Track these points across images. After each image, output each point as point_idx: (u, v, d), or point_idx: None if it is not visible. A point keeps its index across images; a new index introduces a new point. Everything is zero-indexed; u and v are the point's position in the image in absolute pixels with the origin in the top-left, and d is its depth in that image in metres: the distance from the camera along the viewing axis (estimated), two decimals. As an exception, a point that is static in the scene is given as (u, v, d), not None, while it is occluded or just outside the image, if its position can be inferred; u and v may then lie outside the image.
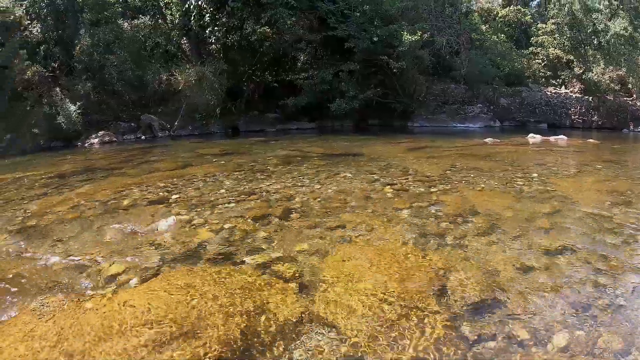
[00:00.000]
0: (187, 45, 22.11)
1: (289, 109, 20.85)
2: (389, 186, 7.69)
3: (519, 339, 3.39)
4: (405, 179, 8.31)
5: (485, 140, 15.87)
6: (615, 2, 33.59)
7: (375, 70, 20.94)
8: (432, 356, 3.09)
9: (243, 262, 4.61)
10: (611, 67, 32.45)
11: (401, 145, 14.10)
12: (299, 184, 8.08)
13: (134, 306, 3.58)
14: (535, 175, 9.86)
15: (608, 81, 32.86)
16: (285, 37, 21.60)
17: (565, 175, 10.75)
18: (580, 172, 11.63)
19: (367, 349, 3.14)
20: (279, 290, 3.97)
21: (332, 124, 20.86)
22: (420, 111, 22.41)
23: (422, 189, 7.60)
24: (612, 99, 32.14)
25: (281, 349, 3.20)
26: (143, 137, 18.28)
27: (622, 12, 33.63)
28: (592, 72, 31.73)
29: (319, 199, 6.96)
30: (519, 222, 6.15)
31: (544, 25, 33.57)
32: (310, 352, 3.15)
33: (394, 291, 3.91)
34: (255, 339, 3.29)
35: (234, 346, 3.16)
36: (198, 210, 6.48)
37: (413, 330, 3.37)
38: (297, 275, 4.30)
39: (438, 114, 22.75)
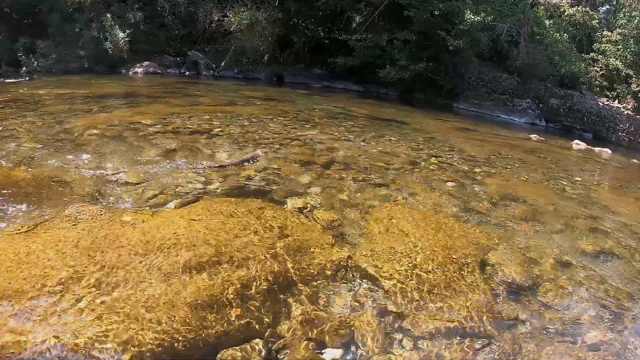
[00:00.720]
0: (245, -14, 21.81)
1: (337, 67, 20.56)
2: (434, 157, 7.63)
3: (552, 328, 3.42)
4: (450, 154, 8.24)
5: (530, 135, 15.58)
6: None
7: (430, 44, 20.44)
8: (466, 326, 3.14)
9: (284, 202, 4.67)
10: None
11: (446, 123, 13.89)
12: (344, 139, 8.07)
13: (176, 226, 3.61)
14: (578, 179, 9.70)
15: None
16: (344, -6, 21.18)
17: (608, 186, 10.56)
18: (623, 187, 11.39)
19: (406, 307, 3.20)
20: (321, 235, 4.01)
21: (378, 90, 20.55)
22: (467, 94, 21.92)
23: (467, 167, 7.53)
24: (665, 123, 31.12)
25: (320, 289, 3.27)
26: (187, 72, 18.24)
27: None
28: None
29: (363, 156, 6.96)
30: (560, 218, 6.09)
31: (609, 34, 32.27)
32: (349, 300, 3.22)
33: (438, 256, 3.93)
34: (294, 276, 3.34)
35: (271, 279, 3.20)
36: (242, 146, 6.50)
37: (452, 297, 3.41)
38: (337, 224, 4.34)
39: (485, 100, 22.21)
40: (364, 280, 3.48)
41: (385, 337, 2.91)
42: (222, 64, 19.03)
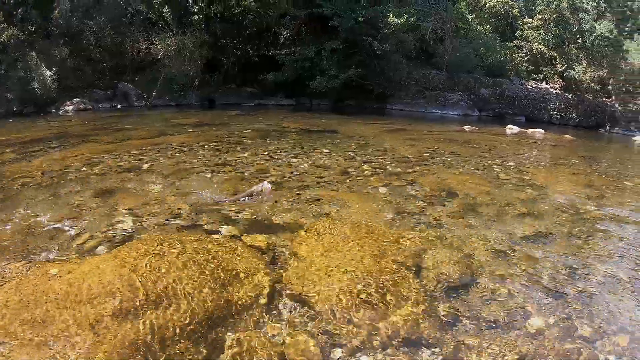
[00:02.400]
0: (168, 13, 21.41)
1: (267, 84, 20.50)
2: (366, 164, 7.56)
3: (493, 321, 3.35)
4: (382, 158, 8.20)
5: (463, 127, 15.89)
6: (604, 5, 33.97)
7: (358, 51, 20.64)
8: (406, 335, 3.01)
9: (216, 231, 4.42)
10: (593, 67, 32.87)
11: (379, 126, 13.96)
12: (275, 157, 7.90)
13: (102, 272, 3.37)
14: (512, 164, 9.87)
15: (589, 81, 33.29)
16: (269, 12, 21.15)
17: (542, 166, 10.81)
18: (557, 164, 11.71)
19: (340, 326, 3.04)
20: (252, 261, 3.80)
21: (310, 102, 20.59)
22: (399, 95, 22.26)
23: (400, 169, 7.50)
24: (591, 98, 32.63)
25: (252, 319, 3.08)
26: (119, 105, 17.67)
27: (608, 14, 34.08)
28: (574, 71, 32.09)
29: (295, 173, 6.80)
30: (495, 206, 6.12)
31: (530, 20, 33.71)
32: (282, 324, 3.04)
33: (369, 268, 3.78)
34: (226, 309, 3.14)
35: (203, 317, 3.00)
36: (170, 179, 6.24)
37: (387, 308, 3.26)
38: (270, 247, 4.15)
39: (417, 99, 22.63)
40: (297, 303, 3.30)
41: (322, 357, 2.76)
42: (153, 93, 18.59)
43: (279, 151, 8.50)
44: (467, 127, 15.82)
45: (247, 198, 5.32)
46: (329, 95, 20.48)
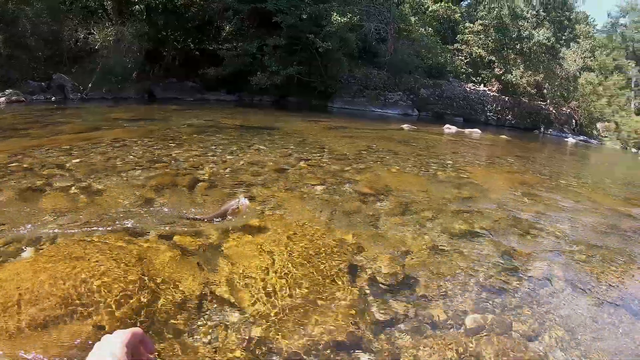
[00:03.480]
0: (108, 2, 20.54)
1: (209, 79, 20.09)
2: (303, 161, 7.44)
3: (431, 320, 3.29)
4: (320, 155, 8.11)
5: (402, 126, 16.08)
6: (543, 13, 35.60)
7: (300, 48, 20.59)
8: (338, 337, 2.90)
9: (143, 233, 4.10)
10: (530, 72, 34.50)
11: (319, 124, 13.93)
12: (210, 154, 7.64)
13: (20, 279, 3.08)
14: (449, 162, 10.04)
15: (525, 84, 34.93)
16: (212, 5, 20.72)
17: (479, 165, 11.06)
18: (493, 163, 12.03)
19: (273, 330, 2.88)
20: (180, 263, 3.58)
21: (252, 98, 20.32)
22: (341, 93, 22.39)
23: (337, 167, 7.44)
24: (527, 101, 34.17)
25: (182, 324, 2.88)
26: (54, 98, 16.77)
27: (547, 23, 35.75)
28: (512, 75, 33.60)
29: (229, 170, 6.58)
30: (432, 204, 6.15)
31: (471, 25, 34.90)
32: (213, 330, 2.86)
33: (302, 269, 3.67)
34: (155, 315, 2.94)
35: (127, 322, 2.80)
36: (99, 176, 5.86)
37: (322, 309, 3.15)
38: (199, 249, 3.90)
39: (358, 97, 22.85)
40: (227, 308, 3.11)
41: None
42: (89, 85, 17.77)
43: (214, 147, 8.24)
44: (406, 126, 16.02)
45: (220, 218, 4.52)
46: (271, 92, 20.34)
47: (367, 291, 3.54)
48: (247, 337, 2.77)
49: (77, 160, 6.65)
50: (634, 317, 4.20)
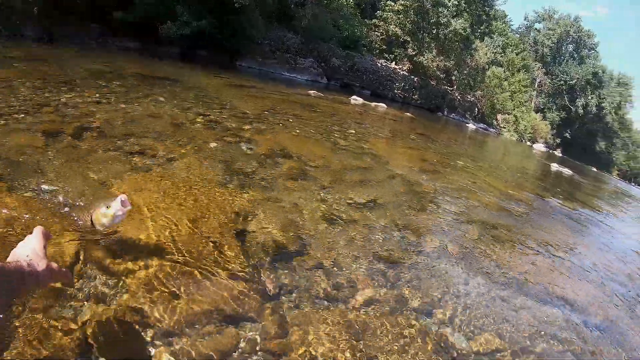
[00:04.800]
0: None
1: (114, 23, 18.71)
2: (201, 117, 7.22)
3: (321, 292, 3.27)
4: (219, 112, 7.91)
5: (309, 92, 16.03)
6: (464, 4, 36.83)
7: (216, 2, 19.74)
8: (226, 310, 2.77)
9: (14, 188, 3.60)
10: (442, 58, 35.87)
11: (225, 81, 13.53)
12: (105, 101, 7.14)
13: None
14: (352, 131, 10.17)
15: (435, 68, 36.32)
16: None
17: (382, 138, 11.32)
18: (395, 138, 12.37)
19: (151, 304, 2.63)
20: (50, 223, 3.16)
21: (158, 48, 19.25)
22: (252, 52, 21.87)
23: (235, 125, 7.30)
24: (434, 84, 35.55)
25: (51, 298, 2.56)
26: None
27: (466, 14, 37.11)
28: (424, 57, 34.65)
29: (122, 120, 6.20)
30: (331, 172, 6.21)
31: (392, 4, 35.41)
32: (84, 303, 2.54)
33: (185, 232, 3.43)
34: None
35: None
36: None
37: (204, 278, 2.98)
38: (71, 207, 3.44)
39: (269, 59, 22.48)
40: (103, 275, 2.75)
41: (130, 338, 2.42)
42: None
43: (109, 95, 7.72)
44: (312, 92, 16.02)
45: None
46: (179, 43, 19.38)
47: (257, 259, 3.44)
48: (126, 308, 2.55)
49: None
50: (522, 294, 4.50)
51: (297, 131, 8.17)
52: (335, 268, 3.66)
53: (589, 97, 64.32)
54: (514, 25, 69.24)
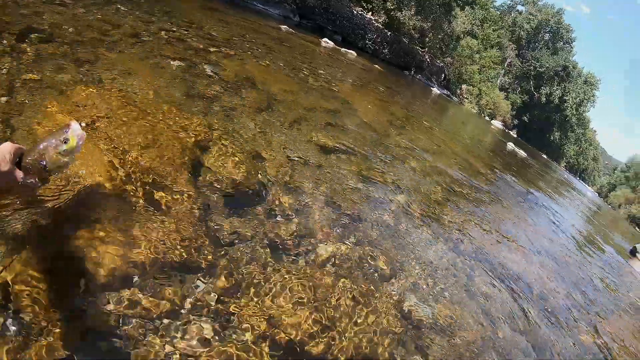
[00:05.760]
0: None
1: None
2: (164, 32, 6.58)
3: (280, 243, 3.01)
4: (185, 31, 7.27)
5: (280, 26, 15.40)
6: None
7: None
8: (174, 257, 2.42)
9: None
10: (419, 17, 35.18)
11: (195, 2, 12.56)
12: (58, 2, 6.40)
13: None
14: (322, 72, 9.80)
15: (411, 27, 35.63)
16: None
17: (350, 84, 10.97)
18: (364, 86, 12.07)
19: (94, 242, 2.21)
20: None
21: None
22: (224, -21, 20.74)
23: (202, 46, 6.73)
24: (407, 42, 34.99)
25: None
26: None
27: None
28: (402, 13, 33.85)
29: (74, 25, 5.53)
30: (298, 109, 5.89)
31: (375, -47, 34.15)
32: None
33: (135, 158, 2.94)
34: None
35: None
36: None
37: (151, 219, 2.57)
38: (7, 115, 2.91)
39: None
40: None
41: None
42: None
43: (63, -2, 6.97)
44: (284, 27, 15.45)
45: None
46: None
47: (210, 198, 3.06)
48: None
49: None
50: (477, 262, 4.44)
51: (267, 62, 7.70)
52: (296, 217, 3.37)
53: (554, 88, 65.55)
54: (497, 1, 69.10)
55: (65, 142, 1.95)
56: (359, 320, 2.67)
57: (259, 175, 3.68)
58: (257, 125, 4.69)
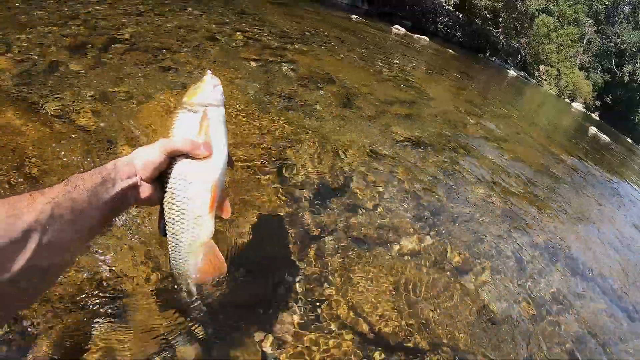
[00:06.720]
0: None
1: None
2: (239, 32, 6.61)
3: (364, 236, 2.99)
4: (259, 30, 7.28)
5: (351, 16, 15.25)
6: None
7: None
8: (261, 251, 2.50)
9: (38, 105, 3.15)
10: None
11: (262, -3, 12.67)
12: (135, 13, 6.61)
13: None
14: (396, 62, 9.59)
15: (483, 7, 34.28)
16: None
17: (424, 71, 10.69)
18: (439, 73, 11.73)
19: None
20: (80, 143, 2.79)
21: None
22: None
23: (277, 44, 6.71)
24: (480, 23, 33.74)
25: None
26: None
27: None
28: None
29: (154, 33, 5.69)
30: (375, 102, 5.77)
31: None
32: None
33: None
34: None
35: None
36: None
37: (244, 213, 2.68)
38: (101, 127, 3.04)
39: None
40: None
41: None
42: None
43: (141, 6, 7.18)
44: (354, 17, 15.28)
45: None
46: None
47: (296, 194, 3.11)
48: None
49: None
50: (559, 261, 4.17)
51: (341, 56, 7.59)
52: (378, 210, 3.37)
53: (638, 66, 59.97)
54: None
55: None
56: (438, 312, 2.67)
57: (341, 169, 3.70)
58: (335, 119, 4.66)
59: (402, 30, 18.63)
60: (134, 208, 2.32)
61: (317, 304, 2.32)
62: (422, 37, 20.01)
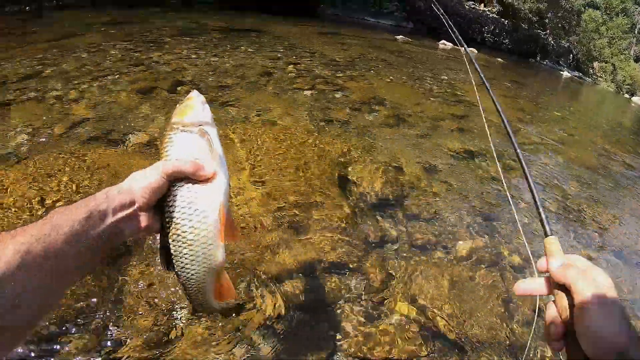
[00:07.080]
0: None
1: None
2: (292, 65, 6.96)
3: (421, 242, 3.15)
4: (309, 60, 7.62)
5: (396, 37, 15.42)
6: None
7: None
8: (330, 258, 2.72)
9: (121, 141, 3.66)
10: None
11: (309, 29, 13.12)
12: (194, 56, 7.09)
13: None
14: (444, 77, 9.65)
15: (527, 10, 33.62)
16: None
17: (474, 84, 10.65)
18: (489, 84, 11.60)
19: (258, 251, 2.64)
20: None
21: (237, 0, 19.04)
22: (331, -1, 21.25)
23: (327, 72, 6.99)
24: (526, 27, 33.07)
25: None
26: (27, 7, 15.49)
27: None
28: None
29: (213, 73, 6.10)
30: (426, 119, 5.89)
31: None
32: None
33: (291, 181, 3.41)
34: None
35: None
36: (75, 83, 5.29)
37: (313, 226, 2.95)
38: None
39: (350, 3, 21.80)
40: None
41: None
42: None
43: (198, 50, 7.67)
44: (399, 37, 15.42)
45: None
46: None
47: (359, 207, 3.34)
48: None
49: (51, 68, 6.02)
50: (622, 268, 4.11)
51: (390, 77, 7.78)
52: (435, 219, 3.51)
53: None
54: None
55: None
56: (493, 313, 2.72)
57: (398, 183, 3.87)
58: (389, 139, 4.84)
59: (449, 44, 18.62)
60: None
61: (381, 302, 2.51)
62: (470, 49, 19.93)
